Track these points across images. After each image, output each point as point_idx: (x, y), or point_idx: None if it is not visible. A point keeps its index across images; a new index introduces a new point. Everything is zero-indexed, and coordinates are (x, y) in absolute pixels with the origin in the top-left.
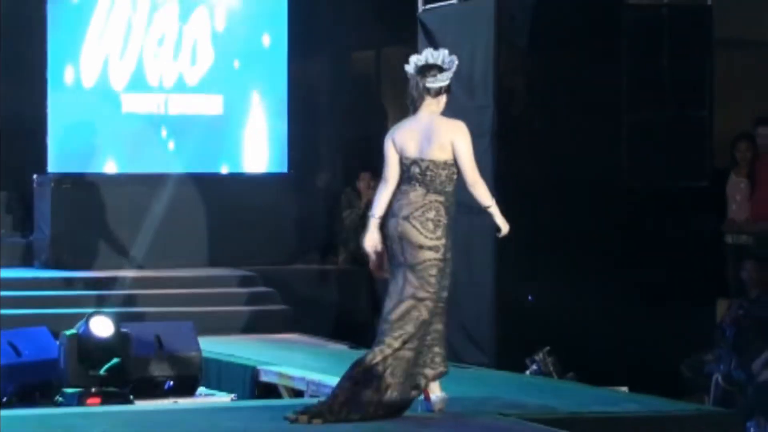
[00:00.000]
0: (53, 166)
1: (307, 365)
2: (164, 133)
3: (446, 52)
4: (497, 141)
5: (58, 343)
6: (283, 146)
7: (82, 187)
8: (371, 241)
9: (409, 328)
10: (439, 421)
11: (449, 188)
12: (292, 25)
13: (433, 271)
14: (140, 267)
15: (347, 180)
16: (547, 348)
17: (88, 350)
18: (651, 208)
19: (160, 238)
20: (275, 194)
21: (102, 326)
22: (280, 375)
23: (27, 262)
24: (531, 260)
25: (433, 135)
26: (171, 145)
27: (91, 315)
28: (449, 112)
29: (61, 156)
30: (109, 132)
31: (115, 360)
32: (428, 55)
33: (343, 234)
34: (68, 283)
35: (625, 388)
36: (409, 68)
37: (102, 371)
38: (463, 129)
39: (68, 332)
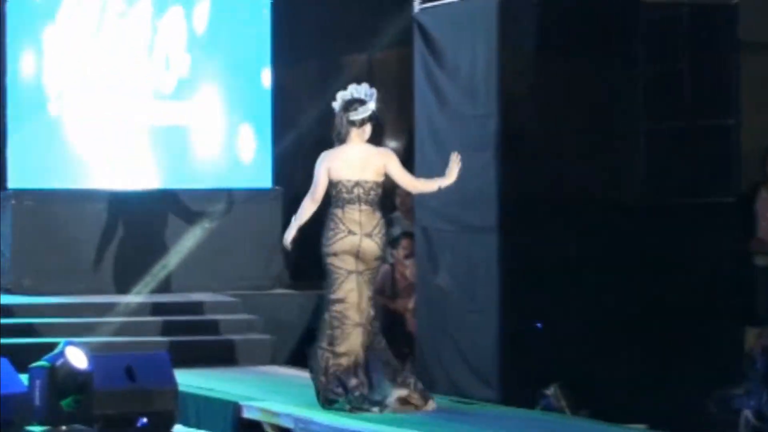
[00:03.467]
0: (13, 181)
1: (294, 400)
2: (135, 144)
3: (367, 85)
4: (501, 151)
5: (25, 376)
6: (267, 160)
7: (46, 204)
8: (291, 239)
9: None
10: None
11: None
12: (277, 27)
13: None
14: (110, 292)
15: None
16: (559, 381)
17: (66, 384)
18: (671, 226)
19: (131, 261)
20: (258, 212)
21: (78, 357)
22: (265, 411)
23: None
24: (540, 284)
25: (369, 159)
26: (142, 158)
27: (65, 345)
28: (447, 120)
29: (21, 170)
30: (75, 143)
31: (73, 396)
32: (353, 90)
33: None
34: (30, 311)
35: (644, 426)
36: (336, 105)
37: (66, 406)
38: (390, 152)
39: (40, 364)
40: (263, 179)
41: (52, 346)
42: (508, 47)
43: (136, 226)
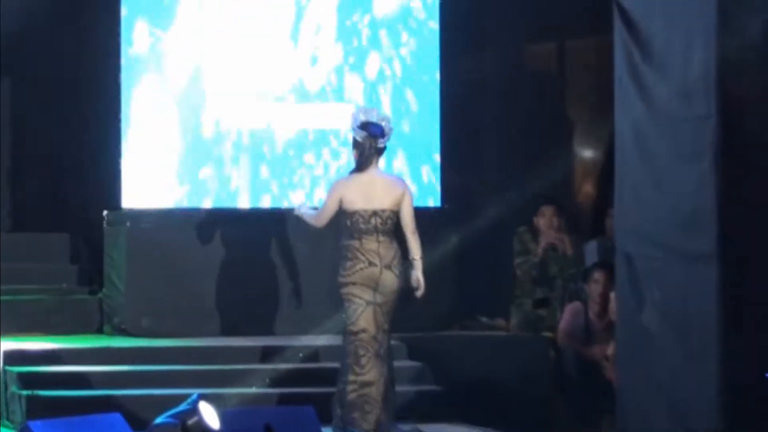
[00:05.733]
0: (129, 200)
1: None
2: (275, 154)
3: (388, 115)
4: (722, 161)
5: None
6: (434, 171)
7: (167, 227)
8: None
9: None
10: None
11: None
12: (447, 11)
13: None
14: (244, 334)
15: (521, 216)
16: None
17: None
18: None
19: (270, 296)
20: (424, 235)
21: (211, 415)
22: None
23: (95, 326)
24: None
25: (388, 188)
26: (283, 170)
27: (196, 399)
28: (655, 123)
29: (139, 187)
30: (201, 154)
31: None
32: (363, 115)
33: (515, 289)
34: (149, 355)
35: None
36: (355, 124)
37: None
38: (406, 182)
39: (167, 421)
40: (429, 196)
41: (175, 399)
42: (730, 36)
43: (277, 252)
